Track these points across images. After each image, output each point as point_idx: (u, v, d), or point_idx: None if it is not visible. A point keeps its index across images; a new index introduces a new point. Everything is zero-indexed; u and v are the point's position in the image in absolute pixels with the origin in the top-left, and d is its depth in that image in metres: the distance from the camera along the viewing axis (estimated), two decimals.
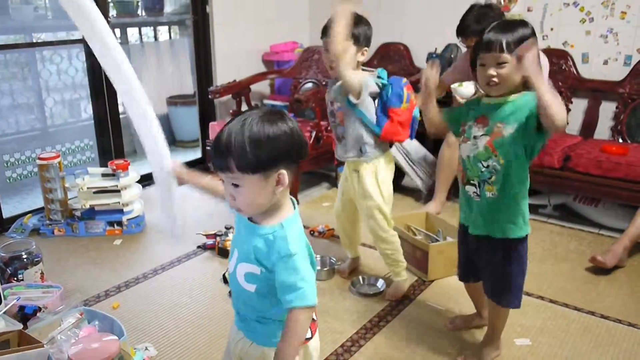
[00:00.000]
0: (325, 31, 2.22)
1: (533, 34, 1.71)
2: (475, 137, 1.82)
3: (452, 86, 2.95)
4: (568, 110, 3.65)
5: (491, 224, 1.86)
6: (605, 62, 3.58)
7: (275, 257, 1.22)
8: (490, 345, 2.06)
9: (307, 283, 1.21)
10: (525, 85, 1.72)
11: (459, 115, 1.92)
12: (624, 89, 3.46)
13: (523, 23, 1.72)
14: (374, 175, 2.38)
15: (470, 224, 1.93)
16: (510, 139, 1.74)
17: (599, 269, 2.72)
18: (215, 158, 1.22)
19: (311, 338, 1.37)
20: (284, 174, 1.21)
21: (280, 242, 1.21)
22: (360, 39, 2.24)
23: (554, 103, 1.58)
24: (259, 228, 1.25)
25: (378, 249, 2.50)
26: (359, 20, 2.24)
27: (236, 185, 1.21)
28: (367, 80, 2.25)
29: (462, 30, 2.91)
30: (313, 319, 1.35)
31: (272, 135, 1.18)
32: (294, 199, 1.33)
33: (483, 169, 1.81)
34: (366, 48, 2.29)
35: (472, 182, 1.86)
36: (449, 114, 1.96)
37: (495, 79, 1.70)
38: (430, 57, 3.92)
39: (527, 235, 1.88)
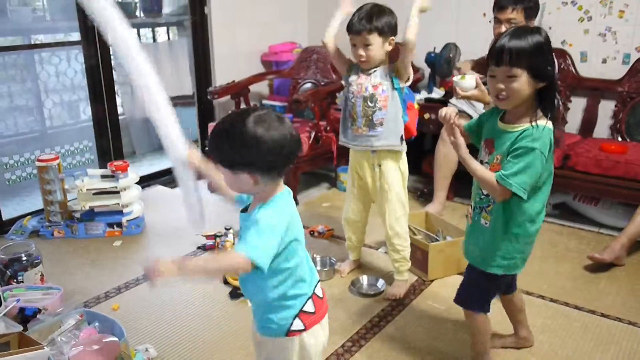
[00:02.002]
0: (350, 27, 2.26)
1: (547, 41, 1.61)
2: (481, 162, 1.74)
3: (454, 79, 2.91)
4: (567, 109, 3.66)
5: (471, 252, 1.83)
6: (604, 61, 3.58)
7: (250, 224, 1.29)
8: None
9: (259, 242, 1.25)
10: (537, 98, 1.63)
11: (476, 126, 1.83)
12: (623, 87, 3.46)
13: (536, 30, 1.62)
14: (398, 168, 2.40)
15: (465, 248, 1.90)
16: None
17: (599, 267, 2.72)
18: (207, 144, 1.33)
19: (304, 330, 1.39)
20: (252, 175, 1.27)
21: (252, 218, 1.29)
22: (385, 29, 2.25)
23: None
24: (248, 214, 1.35)
25: (389, 245, 2.49)
26: (380, 11, 2.26)
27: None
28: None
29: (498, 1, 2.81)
30: (309, 312, 1.39)
31: (252, 137, 1.23)
32: (288, 189, 1.37)
33: (482, 196, 1.75)
34: (392, 37, 2.29)
35: (471, 204, 1.82)
36: (470, 126, 1.86)
37: (504, 93, 1.60)
38: (429, 56, 3.92)
39: (500, 275, 1.79)
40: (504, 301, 2.07)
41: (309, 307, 1.40)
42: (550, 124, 1.63)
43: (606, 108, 3.58)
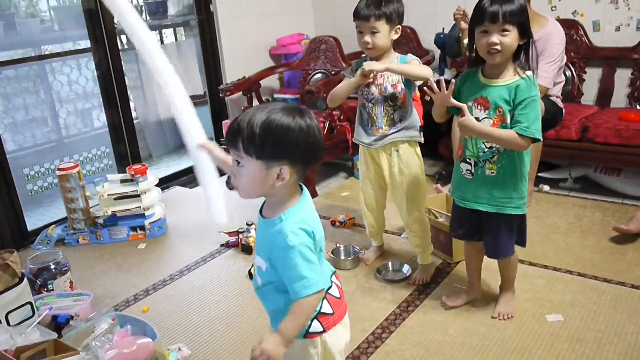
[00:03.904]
0: (357, 13, 2.24)
1: (525, 3, 1.85)
2: (477, 119, 1.89)
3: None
4: (582, 80, 3.60)
5: (485, 200, 1.99)
6: (617, 29, 3.52)
7: (276, 251, 1.25)
8: (509, 291, 2.23)
9: (311, 272, 1.23)
10: (515, 54, 1.85)
11: (457, 96, 1.96)
12: (639, 54, 3.40)
13: None
14: (415, 152, 2.39)
15: (459, 198, 2.07)
16: (513, 123, 1.86)
17: (625, 238, 2.69)
18: (227, 133, 1.26)
19: (323, 332, 1.36)
20: (285, 170, 1.21)
21: (278, 235, 1.23)
22: (393, 17, 2.21)
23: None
24: (268, 222, 1.29)
25: (410, 230, 2.48)
26: None
27: (239, 164, 1.24)
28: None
29: None
30: (327, 313, 1.35)
31: (285, 127, 1.19)
32: (306, 190, 1.33)
33: (486, 150, 1.93)
34: (399, 26, 2.26)
35: (467, 160, 1.99)
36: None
37: (497, 47, 1.80)
38: (438, 37, 3.89)
39: (523, 215, 2.04)
40: (474, 247, 2.20)
41: (326, 308, 1.36)
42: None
43: (622, 77, 3.52)
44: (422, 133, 2.39)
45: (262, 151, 1.19)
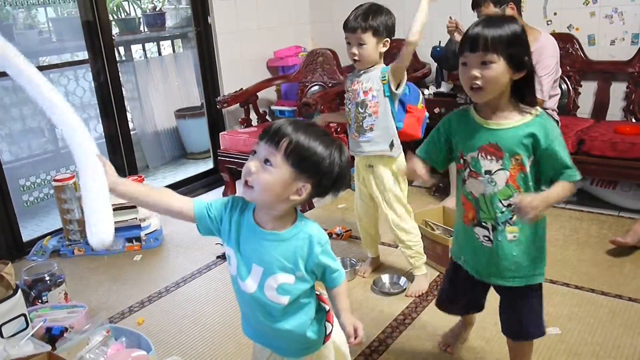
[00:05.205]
0: (346, 25, 2.26)
1: (523, 32, 1.46)
2: (489, 172, 1.51)
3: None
4: (578, 94, 3.63)
5: (509, 272, 1.57)
6: (612, 43, 3.54)
7: (318, 250, 1.27)
8: None
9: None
10: (515, 90, 1.48)
11: (439, 144, 1.64)
12: (634, 68, 3.43)
13: (512, 19, 1.47)
14: (389, 168, 2.39)
15: (472, 269, 1.67)
16: (533, 171, 1.49)
17: (623, 251, 2.69)
18: (273, 129, 1.22)
19: (332, 329, 1.41)
20: (307, 189, 1.23)
21: (309, 239, 1.27)
22: (380, 29, 2.22)
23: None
24: (281, 234, 1.27)
25: (399, 242, 2.49)
26: (377, 10, 2.24)
27: (267, 163, 1.20)
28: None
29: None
30: (328, 310, 1.41)
31: (332, 159, 1.23)
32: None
33: (504, 209, 1.52)
34: (387, 39, 2.26)
35: (484, 224, 1.57)
36: (428, 154, 1.67)
37: (478, 82, 1.42)
38: (435, 50, 3.91)
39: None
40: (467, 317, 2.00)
41: (326, 306, 1.42)
42: None
43: (618, 90, 3.55)
44: (395, 148, 2.33)
45: (302, 163, 1.20)
